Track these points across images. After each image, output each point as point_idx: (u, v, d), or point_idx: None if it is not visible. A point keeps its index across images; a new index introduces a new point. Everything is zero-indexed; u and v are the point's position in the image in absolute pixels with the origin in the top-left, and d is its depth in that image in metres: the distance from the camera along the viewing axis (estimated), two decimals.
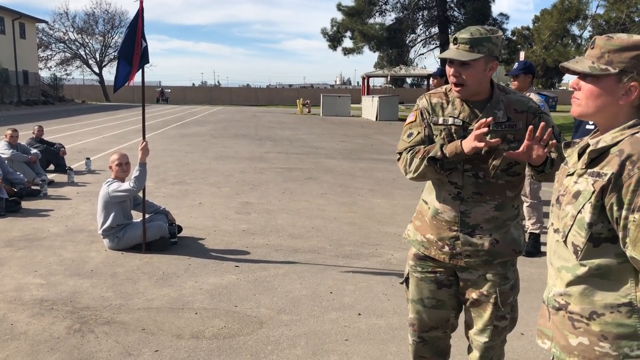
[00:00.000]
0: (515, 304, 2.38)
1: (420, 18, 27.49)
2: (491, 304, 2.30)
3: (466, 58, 2.13)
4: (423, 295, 2.44)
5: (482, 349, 2.37)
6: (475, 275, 2.32)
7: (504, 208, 2.27)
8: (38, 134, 9.74)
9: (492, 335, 2.34)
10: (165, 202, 6.94)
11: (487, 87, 2.26)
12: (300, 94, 50.32)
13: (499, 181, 2.24)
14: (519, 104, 2.26)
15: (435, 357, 2.58)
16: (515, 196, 2.32)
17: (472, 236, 2.27)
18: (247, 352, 3.28)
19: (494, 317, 2.31)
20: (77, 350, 3.24)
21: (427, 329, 2.49)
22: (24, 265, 4.74)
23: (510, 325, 2.39)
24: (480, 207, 2.26)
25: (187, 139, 16.20)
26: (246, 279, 4.53)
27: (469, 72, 2.16)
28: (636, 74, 1.47)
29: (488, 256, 2.27)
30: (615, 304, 1.48)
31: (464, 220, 2.27)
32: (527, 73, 5.33)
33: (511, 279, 2.33)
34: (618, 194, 1.42)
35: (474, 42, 2.14)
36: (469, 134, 2.17)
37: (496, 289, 2.29)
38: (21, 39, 40.06)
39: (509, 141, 2.21)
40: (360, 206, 7.35)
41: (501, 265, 2.31)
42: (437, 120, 2.30)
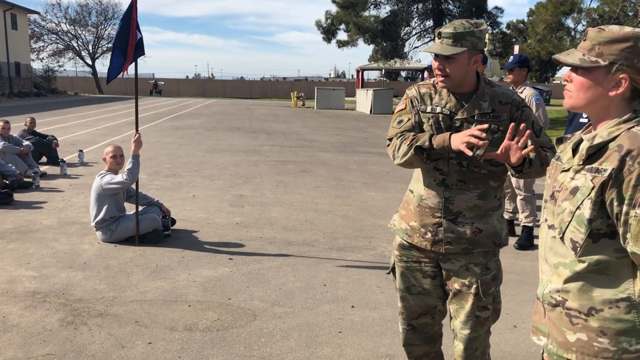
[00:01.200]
0: (497, 294, 2.41)
1: (415, 11, 27.44)
2: (472, 294, 2.33)
3: (449, 52, 2.18)
4: (409, 284, 2.49)
5: (465, 340, 2.39)
6: (457, 265, 2.36)
7: (486, 197, 2.32)
8: (30, 126, 9.68)
9: (474, 326, 2.37)
10: (158, 195, 6.92)
11: (473, 79, 2.31)
12: (295, 87, 50.21)
13: (482, 170, 2.29)
14: (504, 96, 2.31)
15: (425, 344, 2.60)
16: (498, 186, 2.36)
17: (455, 223, 2.32)
18: (240, 344, 3.28)
19: (476, 308, 2.34)
20: (69, 343, 3.24)
21: (416, 315, 2.53)
22: (16, 257, 4.72)
23: (493, 316, 2.41)
24: (463, 195, 2.31)
25: (181, 131, 16.14)
26: (240, 271, 4.52)
27: (452, 66, 2.22)
28: (626, 66, 1.47)
29: (469, 244, 2.32)
30: (614, 300, 1.48)
31: (447, 207, 2.32)
32: (522, 66, 5.34)
33: (492, 269, 2.35)
34: (618, 189, 1.42)
35: (456, 36, 2.18)
36: (455, 123, 2.27)
37: (477, 279, 2.33)
38: (13, 30, 39.69)
39: (493, 131, 2.27)
40: (354, 199, 7.36)
41: (482, 255, 2.34)
42: (425, 108, 2.35)
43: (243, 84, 61.40)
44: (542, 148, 2.28)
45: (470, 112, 2.28)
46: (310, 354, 3.20)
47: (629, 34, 1.47)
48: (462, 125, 2.28)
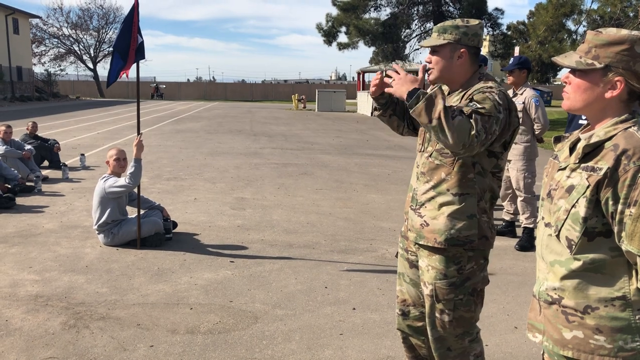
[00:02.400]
0: (460, 302, 2.34)
1: (415, 13, 27.45)
2: (429, 295, 2.39)
3: (430, 43, 2.27)
4: (402, 270, 2.60)
5: (431, 339, 2.46)
6: (423, 264, 2.42)
7: (439, 190, 2.32)
8: (32, 130, 9.70)
9: (435, 327, 2.40)
10: (160, 198, 6.94)
11: (464, 78, 2.31)
12: (296, 90, 50.24)
13: (435, 161, 2.33)
14: (474, 90, 2.22)
15: (416, 335, 2.63)
16: (451, 179, 2.27)
17: (415, 212, 2.42)
18: (242, 347, 3.29)
19: (434, 309, 2.39)
20: (72, 346, 3.25)
21: (408, 303, 2.59)
22: (19, 261, 4.74)
23: (458, 323, 2.36)
24: (423, 186, 2.39)
25: (182, 134, 16.16)
26: (241, 274, 4.53)
27: (435, 58, 2.30)
28: (621, 69, 1.48)
29: (416, 234, 2.39)
30: (610, 298, 1.50)
31: (414, 197, 2.45)
32: (522, 68, 5.35)
33: (451, 277, 2.32)
34: (614, 188, 1.43)
35: (440, 29, 2.28)
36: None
37: (433, 282, 2.36)
38: (15, 35, 39.78)
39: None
40: (355, 201, 7.37)
41: (439, 260, 2.34)
42: None
43: (244, 86, 61.44)
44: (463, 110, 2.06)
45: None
46: (312, 356, 3.20)
47: (625, 36, 1.48)
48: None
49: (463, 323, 2.39)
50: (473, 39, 2.27)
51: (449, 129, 1.99)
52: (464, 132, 2.01)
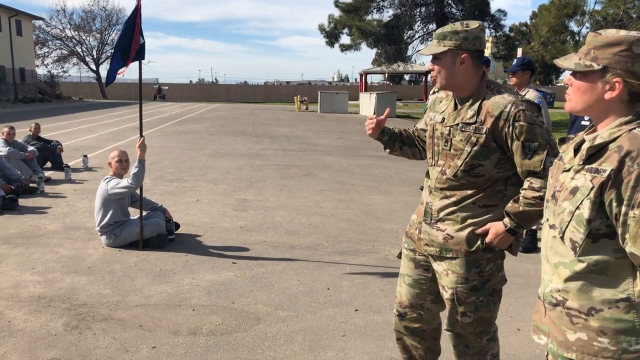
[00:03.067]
0: (481, 304, 2.35)
1: (417, 14, 27.47)
2: (449, 300, 2.39)
3: (431, 51, 2.25)
4: (404, 271, 2.58)
5: (451, 337, 2.49)
6: (440, 268, 2.40)
7: (464, 206, 2.30)
8: (35, 132, 9.72)
9: (455, 327, 2.43)
10: (162, 199, 6.94)
11: (469, 83, 2.26)
12: (298, 91, 50.26)
13: (460, 181, 2.28)
14: (494, 106, 2.18)
15: (412, 336, 2.63)
16: (477, 194, 2.27)
17: (432, 227, 2.39)
18: (244, 348, 3.29)
19: (455, 312, 2.39)
20: (74, 347, 3.25)
21: (405, 305, 2.58)
22: (21, 262, 4.74)
23: (478, 323, 2.39)
24: (441, 202, 2.35)
25: (185, 136, 16.18)
26: (243, 275, 4.53)
27: (438, 65, 2.28)
28: (619, 70, 1.48)
29: (440, 248, 2.35)
30: (614, 300, 1.49)
31: (427, 211, 2.42)
32: (526, 69, 5.32)
33: (471, 280, 2.33)
34: (617, 190, 1.42)
35: (440, 36, 2.25)
36: (445, 131, 2.31)
37: (454, 287, 2.35)
38: (18, 36, 39.89)
39: (473, 144, 2.21)
40: (357, 203, 7.36)
41: (460, 264, 2.33)
42: (432, 115, 2.45)
43: (246, 88, 61.49)
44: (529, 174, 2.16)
45: (455, 119, 2.28)
46: (314, 357, 3.20)
47: (622, 37, 1.48)
48: (450, 133, 2.29)
49: (483, 323, 2.41)
50: (474, 43, 2.21)
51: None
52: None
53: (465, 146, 2.22)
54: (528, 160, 2.15)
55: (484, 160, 2.22)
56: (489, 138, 2.18)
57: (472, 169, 2.24)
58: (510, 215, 2.20)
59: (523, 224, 2.19)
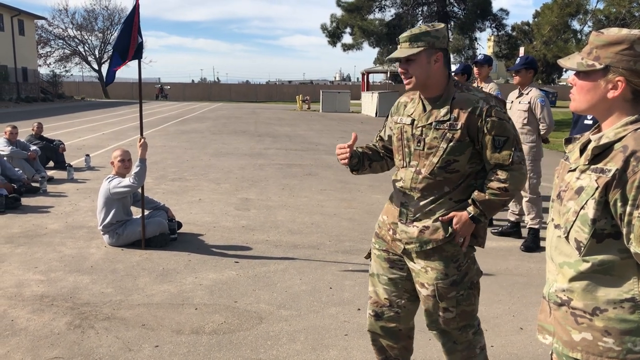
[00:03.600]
0: (462, 298, 2.39)
1: (420, 14, 27.43)
2: (431, 296, 2.39)
3: (405, 54, 2.27)
4: (378, 271, 2.57)
5: (437, 336, 2.51)
6: (418, 266, 2.41)
7: (441, 202, 2.36)
8: (37, 131, 9.74)
9: (438, 325, 2.44)
10: (164, 199, 6.94)
11: (441, 82, 2.33)
12: (300, 90, 50.23)
13: (437, 178, 2.33)
14: (466, 103, 2.28)
15: (388, 337, 2.62)
16: (453, 190, 2.35)
17: (408, 225, 2.40)
18: (246, 347, 3.29)
19: (437, 309, 2.40)
20: (77, 346, 3.25)
21: (381, 304, 2.57)
22: (24, 261, 4.75)
23: (461, 317, 2.42)
24: (417, 201, 2.38)
25: (187, 135, 16.19)
26: (246, 274, 4.53)
27: (413, 67, 2.29)
28: (621, 69, 1.48)
29: (419, 243, 2.37)
30: (618, 300, 1.48)
31: (402, 211, 2.43)
32: (529, 68, 5.33)
33: (451, 275, 2.36)
34: (622, 190, 1.41)
35: (411, 38, 2.28)
36: (415, 131, 2.35)
37: (434, 283, 2.36)
38: (20, 36, 39.97)
39: (449, 140, 2.28)
40: (359, 202, 7.36)
41: (439, 260, 2.35)
42: (397, 119, 2.48)
43: (248, 87, 61.51)
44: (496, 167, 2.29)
45: (428, 119, 2.33)
46: (317, 356, 3.20)
47: (624, 36, 1.48)
48: (422, 133, 2.34)
49: (465, 317, 2.43)
50: (443, 42, 2.30)
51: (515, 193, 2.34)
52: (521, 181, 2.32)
53: (440, 143, 2.29)
54: (497, 153, 2.28)
55: (459, 156, 2.29)
56: (464, 133, 2.27)
57: (448, 164, 2.30)
58: (476, 203, 2.30)
59: (486, 212, 2.31)
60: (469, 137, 2.28)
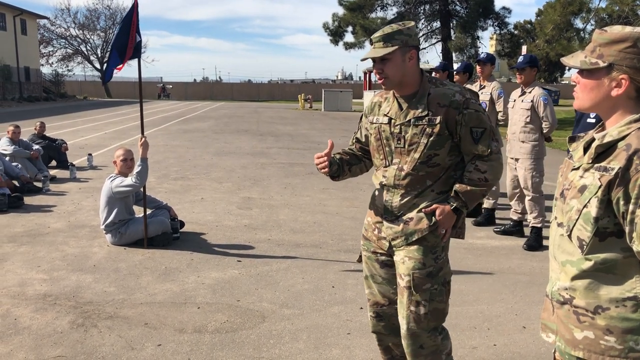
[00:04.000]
0: (435, 292, 2.38)
1: (421, 12, 27.39)
2: (405, 287, 2.38)
3: (381, 53, 2.28)
4: (371, 272, 2.59)
5: (405, 335, 2.44)
6: (398, 257, 2.42)
7: (424, 196, 2.39)
8: (40, 130, 9.75)
9: (410, 321, 2.39)
10: (167, 198, 6.95)
11: (415, 79, 2.36)
12: (302, 89, 50.22)
13: (419, 173, 2.35)
14: (443, 97, 2.32)
15: (392, 335, 2.62)
16: (434, 183, 2.39)
17: (393, 222, 2.41)
18: (249, 346, 3.29)
19: (410, 302, 2.38)
20: (80, 345, 3.26)
21: (380, 304, 2.59)
22: (27, 260, 4.76)
23: (432, 315, 2.39)
24: (401, 197, 2.40)
25: (189, 134, 16.20)
26: (248, 273, 4.54)
27: (388, 66, 2.30)
28: (625, 66, 1.47)
29: (404, 236, 2.38)
30: (621, 298, 1.48)
31: (387, 208, 2.44)
32: (533, 66, 5.34)
33: (429, 266, 2.37)
34: (625, 188, 1.41)
35: (385, 37, 2.28)
36: (395, 129, 2.36)
37: (410, 272, 2.36)
38: (22, 35, 40.03)
39: (429, 135, 2.31)
40: (362, 201, 7.35)
41: (418, 250, 2.36)
42: (372, 119, 2.49)
43: (250, 86, 61.55)
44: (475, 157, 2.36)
45: (406, 116, 2.35)
46: (319, 355, 3.20)
47: (628, 34, 1.47)
48: (401, 131, 2.35)
49: (437, 315, 2.41)
50: (415, 39, 2.33)
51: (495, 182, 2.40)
52: (500, 170, 2.39)
53: (420, 139, 2.32)
54: (476, 144, 2.34)
55: (439, 150, 2.33)
56: (443, 127, 2.30)
57: (429, 159, 2.33)
58: (458, 195, 2.35)
59: (468, 203, 2.36)
60: (448, 131, 2.31)
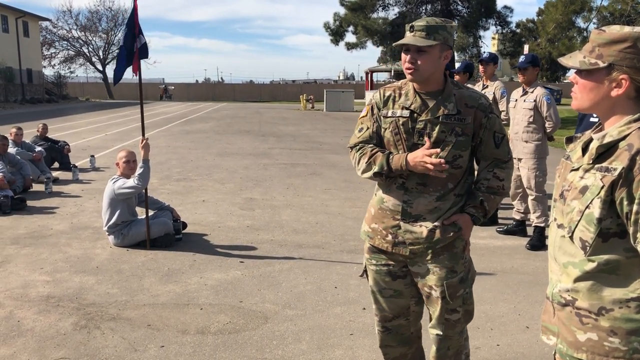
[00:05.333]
0: (467, 296, 2.38)
1: (423, 12, 27.34)
2: (440, 297, 2.34)
3: (423, 44, 2.19)
4: (380, 287, 2.49)
5: (436, 341, 2.44)
6: (424, 269, 2.35)
7: (445, 199, 2.32)
8: (42, 132, 9.77)
9: (445, 329, 2.39)
10: (169, 199, 6.96)
11: (441, 78, 2.32)
12: (304, 90, 50.19)
13: (444, 173, 2.26)
14: (470, 99, 2.30)
15: (401, 345, 2.59)
16: (455, 186, 2.34)
17: (413, 225, 2.32)
18: (252, 347, 3.29)
19: (445, 311, 2.35)
20: (83, 347, 3.26)
21: (390, 318, 2.53)
22: (30, 262, 4.77)
23: (465, 318, 2.40)
24: (422, 198, 2.31)
25: (191, 135, 16.22)
26: (251, 274, 4.53)
27: (424, 58, 2.21)
28: (625, 67, 1.46)
29: (429, 243, 2.30)
30: (624, 299, 1.47)
31: (406, 210, 2.33)
32: (535, 66, 5.34)
33: (459, 272, 2.34)
34: (629, 188, 1.40)
35: (430, 29, 2.19)
36: (418, 124, 2.26)
37: (443, 282, 2.32)
38: (25, 37, 40.10)
39: (457, 134, 2.27)
40: (364, 201, 7.34)
41: (448, 258, 2.32)
42: (387, 113, 2.36)
43: (252, 87, 61.54)
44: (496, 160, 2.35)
45: (435, 113, 2.27)
46: (322, 356, 3.20)
47: (627, 34, 1.46)
48: (425, 127, 2.26)
49: (468, 317, 2.42)
50: (452, 40, 2.28)
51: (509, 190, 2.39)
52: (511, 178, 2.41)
53: (448, 137, 2.25)
54: (497, 149, 2.33)
55: (464, 151, 2.29)
56: (470, 128, 2.28)
57: (455, 159, 2.28)
58: (483, 204, 2.33)
59: (490, 211, 2.36)
60: (473, 133, 2.30)
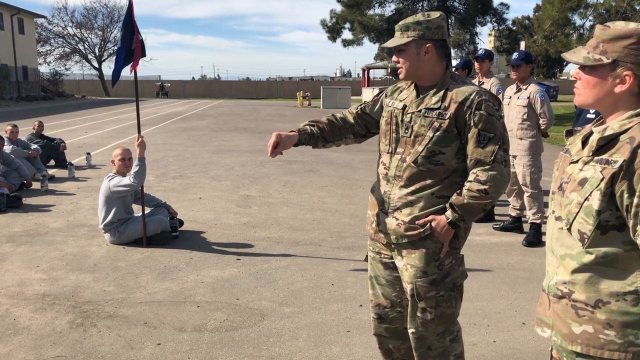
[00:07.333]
0: (442, 299, 2.32)
1: (420, 9, 27.34)
2: (410, 295, 2.35)
3: (395, 43, 2.25)
4: (375, 273, 2.54)
5: (412, 338, 2.43)
6: (401, 264, 2.37)
7: (421, 196, 2.27)
8: (38, 130, 9.74)
9: (417, 326, 2.38)
10: (166, 196, 6.95)
11: (434, 73, 2.29)
12: (301, 87, 50.23)
13: (420, 167, 2.25)
14: (459, 94, 2.22)
15: (394, 338, 2.59)
16: (436, 184, 2.27)
17: (388, 216, 2.35)
18: (249, 345, 3.29)
19: (415, 309, 2.36)
20: (79, 344, 3.26)
21: (383, 306, 2.55)
22: (26, 260, 4.75)
23: (440, 320, 2.35)
24: (398, 190, 2.32)
25: (188, 132, 16.19)
26: (248, 271, 4.53)
27: (403, 56, 2.27)
28: (629, 63, 1.47)
29: (396, 235, 2.32)
30: (621, 292, 1.48)
31: (385, 200, 2.37)
32: (528, 62, 5.36)
33: (431, 274, 2.29)
34: (629, 181, 1.41)
35: (403, 27, 2.24)
36: (407, 118, 2.30)
37: (413, 281, 2.32)
38: (20, 35, 39.93)
39: (436, 129, 2.22)
40: (361, 198, 7.35)
41: (419, 258, 2.30)
42: (388, 102, 2.44)
43: (249, 84, 61.45)
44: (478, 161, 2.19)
45: (418, 106, 2.29)
46: (319, 353, 3.20)
47: (632, 30, 1.47)
48: (411, 120, 2.29)
49: (444, 320, 2.36)
50: (437, 32, 2.23)
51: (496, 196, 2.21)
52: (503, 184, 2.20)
53: (427, 132, 2.22)
54: (480, 148, 2.19)
55: (445, 148, 2.22)
56: (452, 123, 2.20)
57: (433, 155, 2.23)
58: (454, 207, 2.21)
59: (466, 217, 2.21)
60: (457, 129, 2.21)
